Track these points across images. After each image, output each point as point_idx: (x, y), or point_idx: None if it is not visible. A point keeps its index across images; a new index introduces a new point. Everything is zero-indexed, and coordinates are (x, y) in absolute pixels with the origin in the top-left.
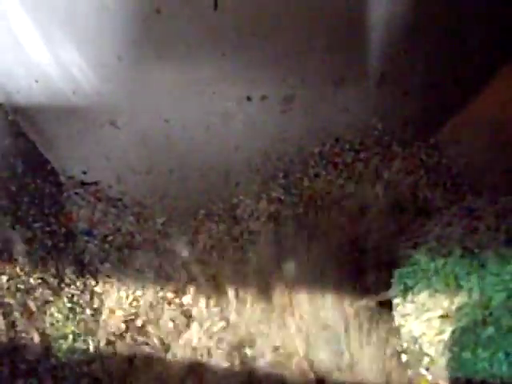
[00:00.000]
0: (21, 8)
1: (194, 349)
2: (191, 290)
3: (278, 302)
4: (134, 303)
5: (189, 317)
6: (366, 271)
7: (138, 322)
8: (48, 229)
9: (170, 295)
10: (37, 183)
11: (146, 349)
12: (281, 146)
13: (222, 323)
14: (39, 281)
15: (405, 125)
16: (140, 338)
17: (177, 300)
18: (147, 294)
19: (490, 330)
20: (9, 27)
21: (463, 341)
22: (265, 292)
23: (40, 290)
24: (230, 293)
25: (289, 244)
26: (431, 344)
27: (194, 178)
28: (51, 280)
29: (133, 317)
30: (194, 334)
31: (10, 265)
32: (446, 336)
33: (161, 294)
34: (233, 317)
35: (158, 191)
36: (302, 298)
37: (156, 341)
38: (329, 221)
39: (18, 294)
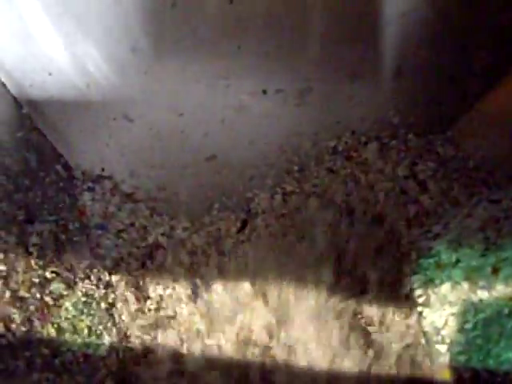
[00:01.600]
0: (36, 1)
1: (209, 345)
2: (207, 284)
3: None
4: (149, 298)
5: (205, 313)
6: (384, 261)
7: (153, 317)
8: (62, 222)
9: (185, 290)
10: (50, 177)
11: (162, 343)
12: (296, 139)
13: (239, 318)
14: (54, 275)
15: (421, 118)
16: (155, 333)
17: (192, 295)
18: (162, 289)
19: None
20: (22, 20)
21: (487, 332)
22: (281, 287)
23: (55, 283)
24: (247, 287)
25: (305, 237)
26: (454, 335)
27: (208, 172)
28: (66, 274)
29: (148, 312)
30: (209, 330)
31: (24, 258)
32: (469, 327)
33: (177, 289)
34: (248, 312)
35: (171, 185)
36: (316, 290)
37: (171, 336)
38: (344, 212)
39: (33, 288)
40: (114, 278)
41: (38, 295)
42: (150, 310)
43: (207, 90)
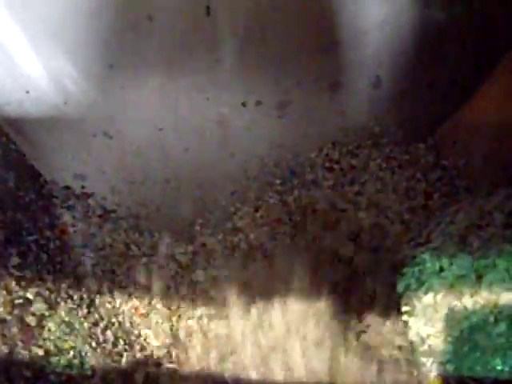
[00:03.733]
0: (10, 19)
1: (199, 360)
2: (190, 301)
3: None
4: (133, 316)
5: (189, 329)
6: (370, 272)
7: (137, 335)
8: (43, 242)
9: (168, 307)
10: (30, 196)
11: (147, 363)
12: (277, 151)
13: (223, 332)
14: (35, 295)
15: (402, 126)
16: (140, 353)
17: (176, 312)
18: (145, 307)
19: (502, 327)
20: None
21: (473, 340)
22: (267, 300)
23: (37, 304)
24: (231, 301)
25: (287, 251)
26: (440, 344)
27: (190, 186)
28: (47, 294)
29: (131, 330)
30: (196, 347)
31: (5, 279)
32: (456, 335)
33: (159, 305)
34: (231, 326)
35: (153, 201)
36: (301, 302)
37: (157, 354)
38: (327, 225)
39: (15, 309)
40: (97, 297)
41: (20, 316)
42: (134, 328)
43: (187, 104)
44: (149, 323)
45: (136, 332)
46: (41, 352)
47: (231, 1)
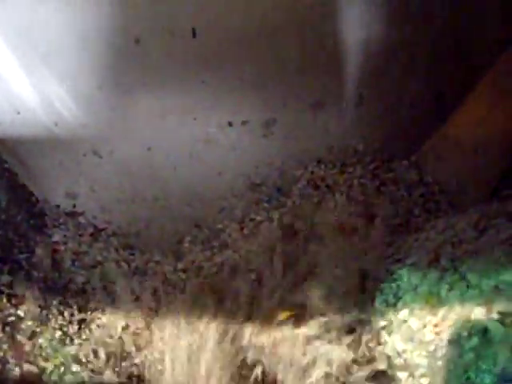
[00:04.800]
0: (2, 43)
1: (191, 376)
2: (180, 318)
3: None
4: (123, 333)
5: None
6: (352, 288)
7: (128, 352)
8: (34, 260)
9: (159, 324)
10: (21, 215)
11: (139, 380)
12: (263, 169)
13: (208, 349)
14: (26, 312)
15: (385, 144)
16: (131, 369)
17: (168, 330)
18: (136, 323)
19: (474, 341)
20: None
21: (448, 353)
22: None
23: (28, 321)
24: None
25: (274, 266)
26: (415, 358)
27: (179, 205)
28: (38, 311)
29: (123, 347)
30: (184, 363)
31: None
32: (430, 350)
33: (150, 323)
34: (211, 343)
35: (142, 219)
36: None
37: (148, 371)
38: (313, 242)
39: (6, 326)
40: (88, 314)
41: (11, 333)
42: (124, 345)
43: (174, 124)
44: (140, 340)
45: (127, 349)
46: (32, 368)
47: (217, 23)
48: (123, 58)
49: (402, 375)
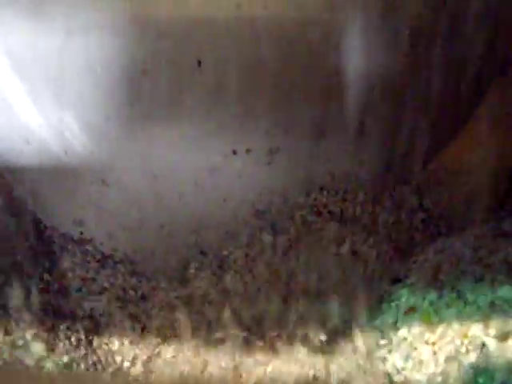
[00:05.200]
0: (12, 72)
1: None
2: (185, 343)
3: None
4: (131, 357)
5: (183, 372)
6: (353, 308)
7: (136, 376)
8: (42, 285)
9: (163, 349)
10: (30, 241)
11: None
12: (267, 197)
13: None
14: (34, 336)
15: (386, 171)
16: None
17: (169, 354)
18: (143, 349)
19: (472, 357)
20: (1, 91)
21: (447, 370)
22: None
23: (35, 345)
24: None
25: (279, 292)
26: (415, 375)
27: (184, 232)
28: (46, 336)
29: (130, 370)
30: None
31: (5, 321)
32: (430, 366)
33: (157, 349)
34: (223, 367)
35: (148, 246)
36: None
37: None
38: (317, 267)
39: (15, 350)
40: (95, 339)
41: (20, 357)
42: (131, 368)
43: (180, 153)
44: (148, 366)
45: (134, 374)
46: None
47: (222, 55)
48: (131, 89)
49: None
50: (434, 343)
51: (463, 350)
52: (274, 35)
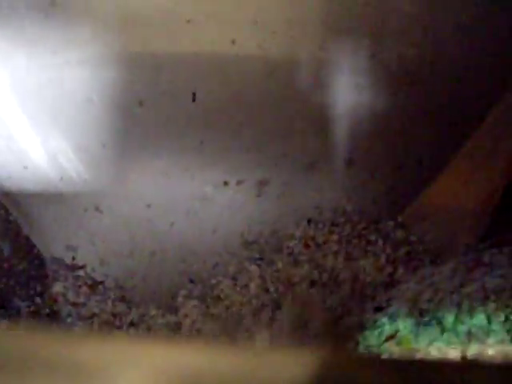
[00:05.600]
0: (12, 100)
1: None
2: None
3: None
4: None
5: None
6: (338, 336)
7: None
8: (33, 309)
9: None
10: (23, 265)
11: None
12: (256, 228)
13: None
14: None
15: (372, 204)
16: None
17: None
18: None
19: None
20: (2, 117)
21: None
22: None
23: None
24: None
25: (267, 321)
26: None
27: (175, 260)
28: None
29: None
30: None
31: None
32: None
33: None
34: None
35: (139, 273)
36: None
37: None
38: (302, 297)
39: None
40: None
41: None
42: None
43: (173, 183)
44: None
45: None
46: None
47: (216, 89)
48: (127, 119)
49: None
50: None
51: None
52: (266, 72)
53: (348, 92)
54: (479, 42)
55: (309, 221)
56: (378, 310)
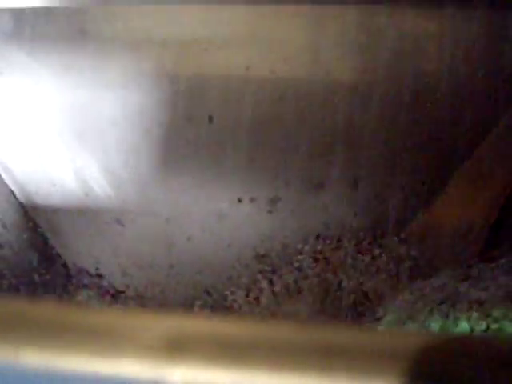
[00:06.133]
0: (45, 120)
1: None
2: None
3: None
4: None
5: None
6: None
7: None
8: None
9: None
10: (50, 275)
11: None
12: (268, 243)
13: None
14: None
15: (377, 222)
16: None
17: None
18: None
19: None
20: (32, 137)
21: None
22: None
23: None
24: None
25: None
26: None
27: (191, 272)
28: None
29: None
30: None
31: None
32: None
33: None
34: None
35: (158, 284)
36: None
37: None
38: (309, 306)
39: None
40: None
41: None
42: None
43: (190, 199)
44: None
45: None
46: None
47: (231, 112)
48: (147, 140)
49: None
50: None
51: None
52: (278, 96)
53: (353, 115)
54: (482, 69)
55: (317, 236)
56: (378, 319)
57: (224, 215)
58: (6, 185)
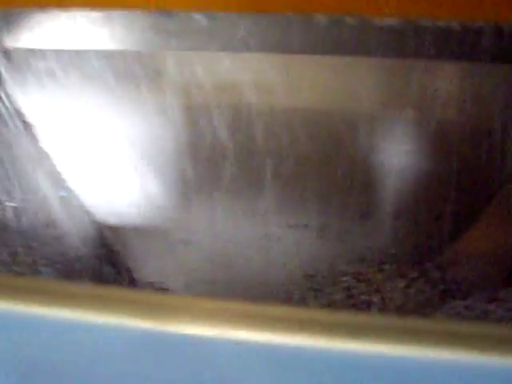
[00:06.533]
0: (113, 145)
1: None
2: None
3: None
4: None
5: None
6: None
7: None
8: None
9: None
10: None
11: None
12: (316, 264)
13: None
14: None
15: (415, 249)
16: None
17: None
18: None
19: None
20: (105, 164)
21: None
22: None
23: None
24: None
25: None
26: None
27: (249, 289)
28: None
29: None
30: None
31: None
32: None
33: None
34: None
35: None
36: None
37: None
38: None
39: None
40: None
41: None
42: None
43: (245, 224)
44: None
45: None
46: None
47: (287, 150)
48: (208, 169)
49: None
50: None
51: None
52: (323, 129)
53: (395, 156)
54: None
55: (361, 260)
56: None
57: (278, 239)
58: (83, 206)
